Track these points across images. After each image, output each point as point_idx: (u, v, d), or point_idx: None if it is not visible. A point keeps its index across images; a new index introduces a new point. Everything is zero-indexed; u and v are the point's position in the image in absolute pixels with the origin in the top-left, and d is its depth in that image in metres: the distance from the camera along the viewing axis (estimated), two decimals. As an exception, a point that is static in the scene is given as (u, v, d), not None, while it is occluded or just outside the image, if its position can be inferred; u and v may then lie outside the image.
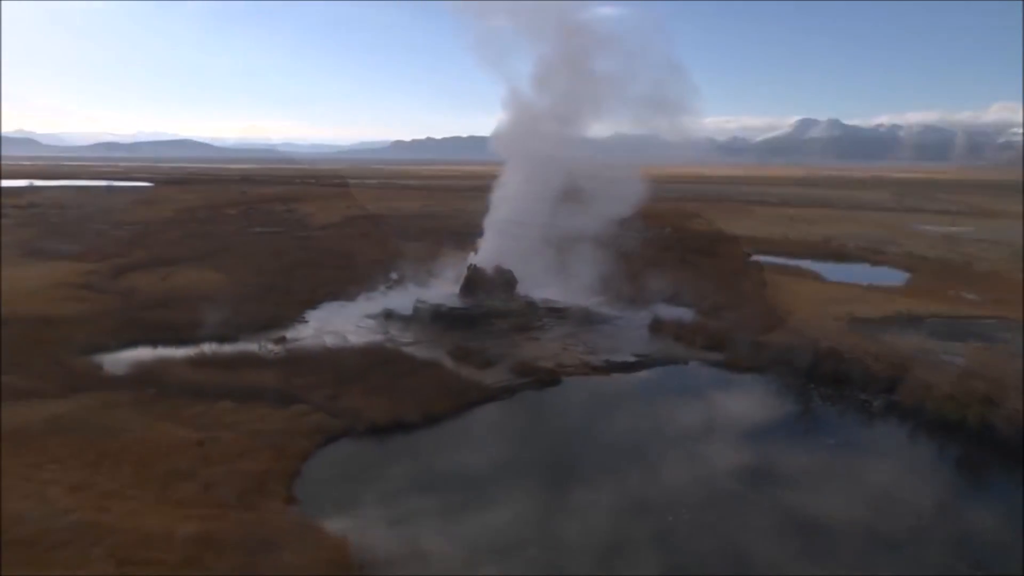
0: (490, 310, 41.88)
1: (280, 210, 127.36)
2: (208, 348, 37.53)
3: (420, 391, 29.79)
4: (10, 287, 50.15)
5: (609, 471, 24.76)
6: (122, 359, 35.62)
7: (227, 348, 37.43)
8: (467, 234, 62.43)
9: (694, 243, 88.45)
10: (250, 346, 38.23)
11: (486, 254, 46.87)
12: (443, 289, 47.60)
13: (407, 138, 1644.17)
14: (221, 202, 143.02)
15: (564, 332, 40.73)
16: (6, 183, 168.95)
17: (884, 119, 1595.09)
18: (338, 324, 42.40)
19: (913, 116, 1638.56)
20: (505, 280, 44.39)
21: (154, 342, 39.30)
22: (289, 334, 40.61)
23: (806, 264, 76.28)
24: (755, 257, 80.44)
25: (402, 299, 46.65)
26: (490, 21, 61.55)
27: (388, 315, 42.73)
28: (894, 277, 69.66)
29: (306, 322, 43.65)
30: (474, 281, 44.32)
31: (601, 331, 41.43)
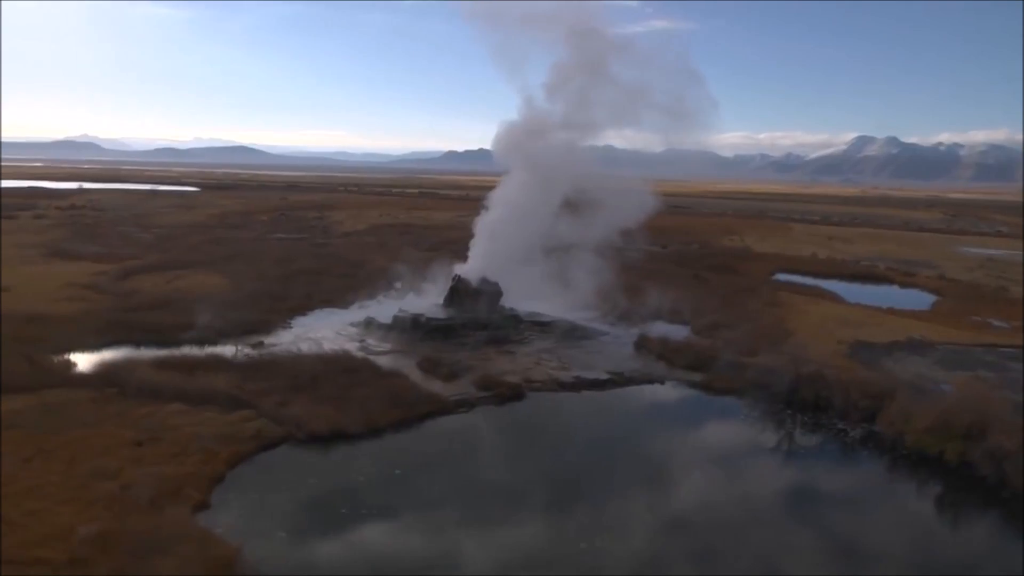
0: (469, 321, 41.15)
1: (311, 217, 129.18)
2: (184, 350, 37.73)
3: (369, 401, 29.18)
4: (21, 285, 51.52)
5: (519, 497, 23.64)
6: (96, 359, 35.93)
7: (200, 351, 37.46)
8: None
9: (716, 260, 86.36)
10: (227, 350, 38.29)
11: (475, 264, 46.18)
12: (434, 299, 47.01)
13: (460, 149, 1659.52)
14: (257, 208, 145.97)
15: (543, 346, 39.73)
16: (57, 185, 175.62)
17: (945, 137, 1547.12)
18: (320, 331, 42.19)
19: (977, 135, 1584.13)
20: (490, 291, 43.61)
21: (137, 343, 39.69)
22: (269, 339, 40.56)
23: (830, 284, 73.92)
24: (777, 276, 78.21)
25: (393, 308, 46.21)
26: (504, 27, 61.48)
27: (369, 324, 42.36)
28: (920, 300, 66.74)
29: (290, 328, 43.60)
30: (458, 292, 43.67)
31: (584, 347, 40.31)
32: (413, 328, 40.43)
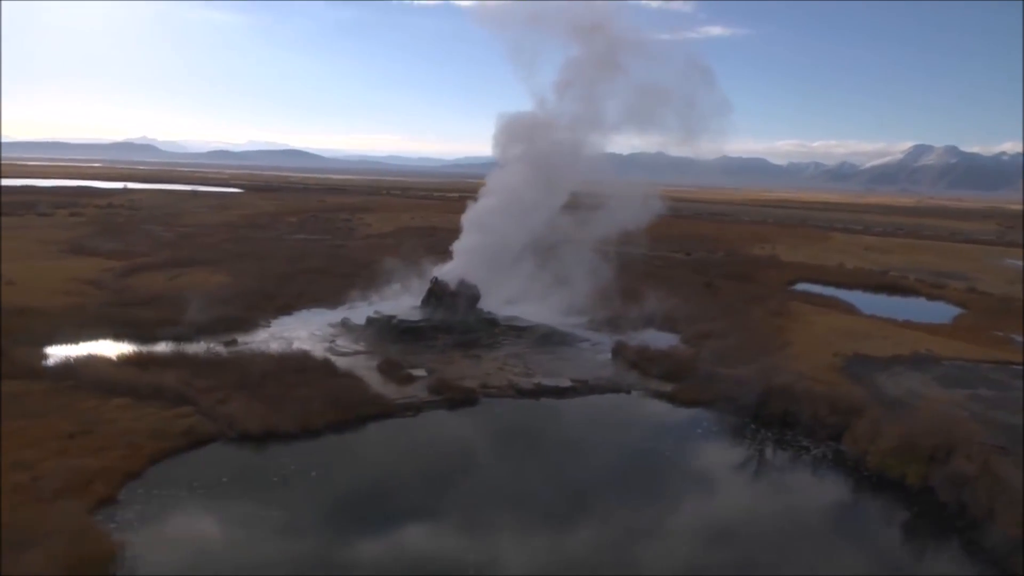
0: (440, 324, 40.43)
1: (340, 219, 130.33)
2: (159, 346, 37.92)
3: (309, 402, 28.66)
4: (27, 280, 52.76)
5: (408, 507, 22.66)
6: (70, 352, 36.30)
7: (168, 348, 37.52)
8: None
9: (735, 268, 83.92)
10: (199, 347, 38.36)
11: (457, 265, 45.49)
12: (417, 301, 46.41)
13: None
14: (290, 210, 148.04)
15: (513, 351, 38.75)
16: (105, 184, 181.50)
17: (1008, 147, 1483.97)
18: (296, 331, 42.05)
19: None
20: (468, 294, 42.82)
21: (116, 337, 40.13)
22: (243, 338, 40.54)
23: (851, 295, 71.17)
24: (797, 285, 75.66)
25: (381, 309, 45.84)
26: (512, 29, 60.84)
27: (345, 324, 42.02)
28: (943, 313, 63.64)
29: (268, 327, 43.55)
30: (435, 294, 43.00)
31: (557, 353, 39.20)
32: (384, 330, 39.89)
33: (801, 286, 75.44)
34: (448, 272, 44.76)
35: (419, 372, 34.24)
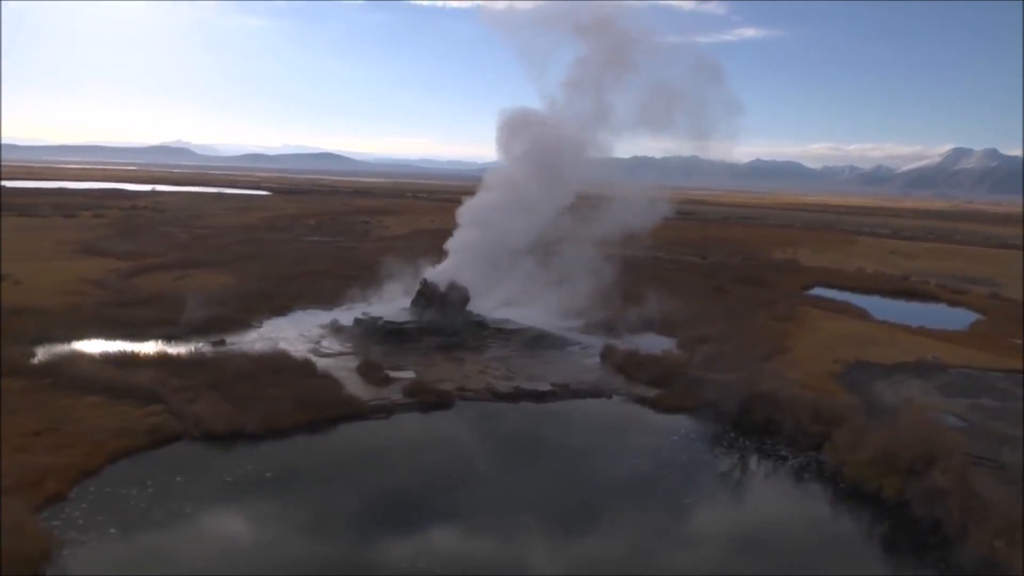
0: (427, 326, 40.05)
1: (358, 221, 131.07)
2: (148, 345, 38.14)
3: (278, 402, 28.43)
4: (34, 279, 53.62)
5: (356, 513, 22.34)
6: (56, 351, 36.59)
7: (153, 347, 37.70)
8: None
9: (749, 272, 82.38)
10: (187, 347, 38.48)
11: (449, 266, 45.08)
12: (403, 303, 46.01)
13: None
14: (312, 212, 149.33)
15: (498, 354, 38.20)
16: (134, 187, 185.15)
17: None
18: (286, 332, 42.02)
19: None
20: (457, 296, 42.39)
21: (107, 336, 40.44)
22: (232, 338, 40.58)
23: (867, 300, 69.37)
24: (813, 290, 74.11)
25: (373, 311, 45.65)
26: (520, 29, 60.46)
27: (334, 326, 41.85)
28: (962, 319, 61.64)
29: (259, 328, 43.57)
30: (424, 296, 42.64)
31: (543, 356, 38.55)
32: (370, 332, 39.64)
33: (816, 291, 73.94)
34: (440, 273, 44.38)
35: (398, 374, 33.88)
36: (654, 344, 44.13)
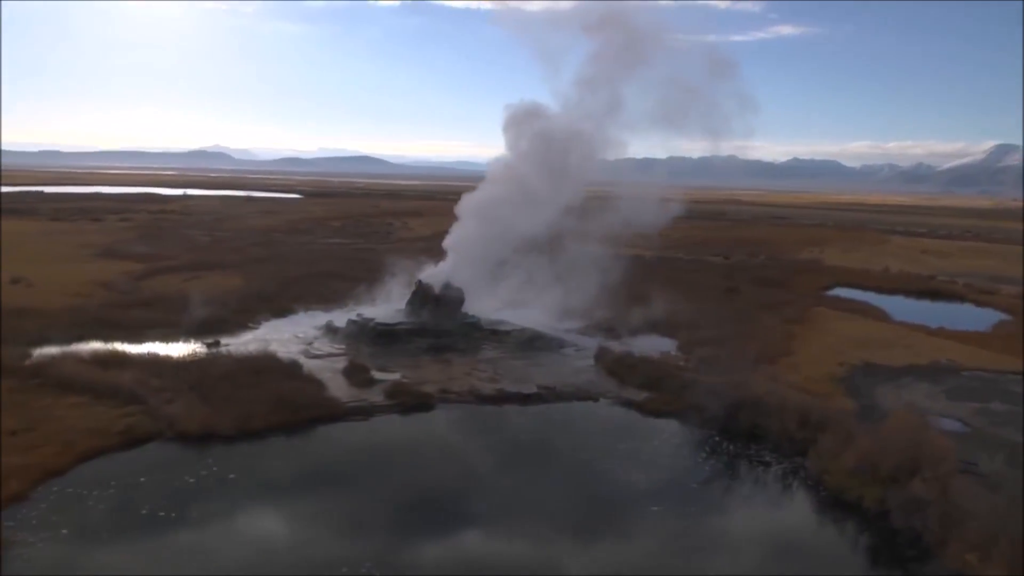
0: (418, 327, 39.67)
1: (381, 223, 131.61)
2: (143, 347, 38.44)
3: (255, 404, 28.28)
4: (45, 282, 54.63)
5: (317, 513, 21.87)
6: (48, 352, 36.97)
7: (146, 348, 37.94)
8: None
9: (770, 272, 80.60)
10: (184, 348, 38.73)
11: (448, 266, 44.67)
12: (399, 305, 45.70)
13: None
14: (337, 214, 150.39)
15: (488, 356, 37.67)
16: (167, 191, 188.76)
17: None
18: (281, 333, 42.06)
19: None
20: (452, 297, 41.94)
21: (106, 338, 40.79)
22: (227, 339, 40.71)
23: (891, 300, 67.40)
24: (833, 290, 72.22)
25: (368, 312, 45.51)
26: (532, 30, 60.00)
27: (328, 327, 41.75)
28: (985, 320, 59.35)
29: (256, 329, 43.69)
30: (419, 297, 42.29)
31: (534, 358, 37.91)
32: (361, 333, 39.43)
33: (837, 291, 72.01)
34: (436, 273, 44.02)
35: (383, 376, 33.58)
36: (655, 346, 43.23)
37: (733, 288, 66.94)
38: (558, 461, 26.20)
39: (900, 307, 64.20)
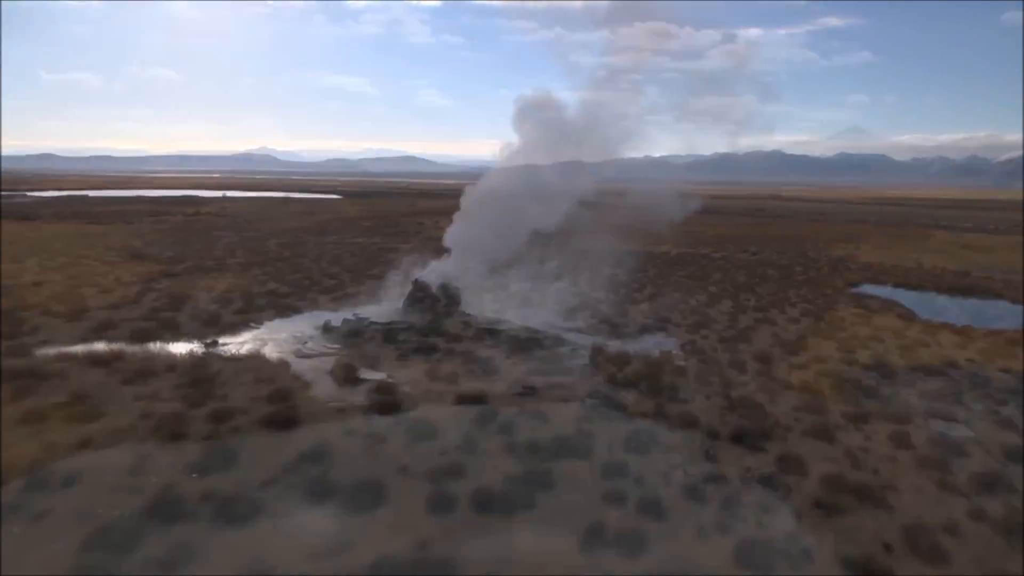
0: (411, 326, 39.33)
1: (412, 223, 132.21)
2: (138, 347, 38.93)
3: (236, 402, 28.29)
4: (58, 283, 55.87)
5: (251, 512, 21.15)
6: (47, 353, 37.68)
7: (139, 349, 38.38)
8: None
9: (796, 269, 78.44)
10: (181, 347, 39.14)
11: (448, 264, 44.30)
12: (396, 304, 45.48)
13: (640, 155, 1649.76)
14: (371, 214, 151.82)
15: (480, 355, 36.95)
16: (205, 193, 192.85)
17: None
18: (280, 333, 42.12)
19: None
20: (448, 296, 41.52)
21: (105, 339, 41.44)
22: (225, 339, 41.01)
23: (919, 297, 65.01)
24: (861, 287, 69.91)
25: (365, 311, 45.47)
26: (546, 26, 59.50)
27: (325, 327, 41.74)
28: (1019, 318, 56.58)
29: (256, 329, 43.91)
30: (416, 296, 42.00)
31: (528, 357, 37.20)
32: (354, 332, 39.29)
33: (865, 288, 69.67)
34: (434, 270, 43.69)
35: (369, 375, 33.30)
36: (658, 345, 42.11)
37: (752, 284, 65.25)
38: (514, 465, 25.35)
39: (928, 304, 61.83)
